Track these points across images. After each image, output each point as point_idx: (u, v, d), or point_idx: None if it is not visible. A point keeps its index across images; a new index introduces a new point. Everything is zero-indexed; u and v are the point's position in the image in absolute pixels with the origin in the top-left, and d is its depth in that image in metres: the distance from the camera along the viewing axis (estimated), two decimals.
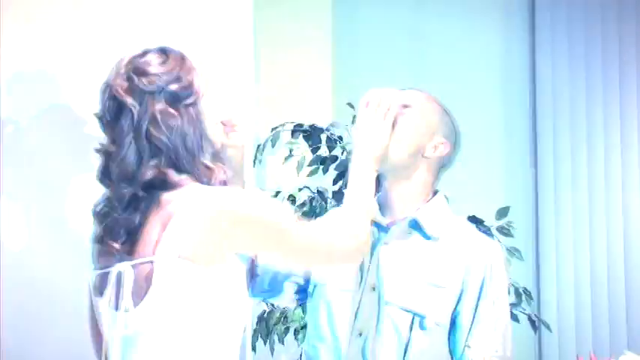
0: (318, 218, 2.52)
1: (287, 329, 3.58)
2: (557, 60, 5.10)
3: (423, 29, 5.04)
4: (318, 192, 3.57)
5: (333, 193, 3.61)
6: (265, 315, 3.60)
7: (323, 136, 3.65)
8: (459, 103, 4.91)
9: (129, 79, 1.90)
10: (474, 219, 3.57)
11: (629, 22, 5.09)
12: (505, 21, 5.16)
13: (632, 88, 5.10)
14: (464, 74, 5.03)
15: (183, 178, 1.89)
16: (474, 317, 2.31)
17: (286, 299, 2.52)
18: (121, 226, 1.90)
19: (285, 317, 3.56)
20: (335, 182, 3.61)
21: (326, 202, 3.55)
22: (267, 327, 3.58)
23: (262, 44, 4.20)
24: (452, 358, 2.33)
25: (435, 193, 2.51)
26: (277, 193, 3.58)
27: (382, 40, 4.99)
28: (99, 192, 3.33)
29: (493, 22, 5.13)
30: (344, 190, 3.45)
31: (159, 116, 1.87)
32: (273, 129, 3.61)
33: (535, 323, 3.71)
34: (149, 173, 1.86)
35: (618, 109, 5.09)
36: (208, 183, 1.89)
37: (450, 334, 2.33)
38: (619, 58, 5.09)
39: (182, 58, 1.97)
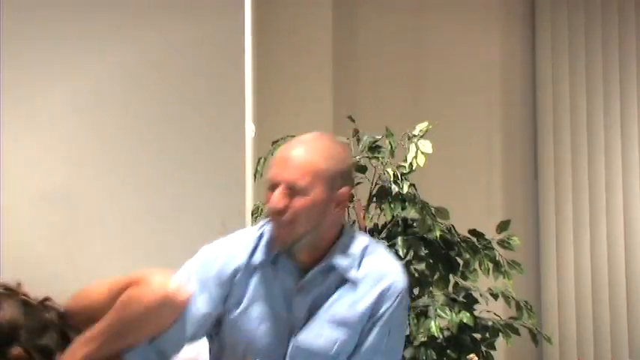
0: None
1: None
2: (558, 71, 5.12)
3: (423, 43, 5.07)
4: None
5: None
6: None
7: None
8: (460, 116, 4.89)
9: None
10: (474, 232, 3.55)
11: (629, 28, 5.12)
12: (505, 32, 5.21)
13: (632, 100, 5.12)
14: (464, 86, 5.06)
15: None
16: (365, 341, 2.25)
17: None
18: None
19: None
20: None
21: None
22: None
23: (262, 60, 4.22)
24: None
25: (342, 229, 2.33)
26: None
27: (382, 54, 5.03)
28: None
29: (494, 31, 5.18)
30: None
31: None
32: (273, 142, 3.54)
33: (536, 337, 3.63)
34: None
35: (619, 120, 5.11)
36: None
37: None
38: (619, 67, 5.13)
39: None
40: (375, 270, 2.25)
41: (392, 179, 3.43)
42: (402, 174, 3.43)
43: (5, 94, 3.50)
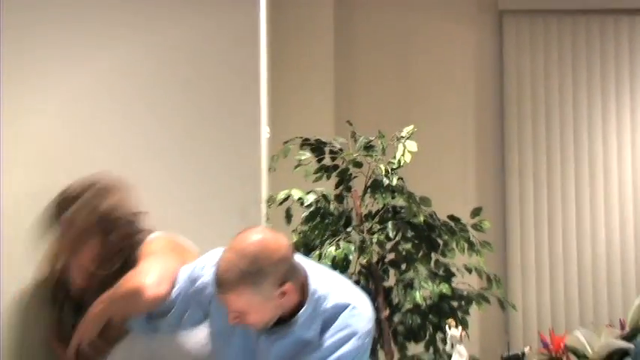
0: None
1: None
2: (522, 85, 5.26)
3: (408, 52, 5.20)
4: (323, 195, 3.63)
5: (335, 195, 3.70)
6: None
7: (326, 149, 3.73)
8: (440, 119, 5.11)
9: None
10: (452, 217, 3.69)
11: (579, 33, 5.23)
12: (477, 41, 5.30)
13: (582, 103, 5.25)
14: (444, 93, 5.20)
15: None
16: None
17: None
18: None
19: None
20: (337, 187, 3.73)
21: (329, 203, 3.61)
22: None
23: (277, 76, 4.24)
24: None
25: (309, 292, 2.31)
26: (288, 196, 3.59)
27: (375, 65, 5.14)
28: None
29: (468, 40, 5.26)
30: (344, 194, 3.60)
31: None
32: (284, 143, 3.70)
33: (503, 303, 3.78)
34: None
35: (572, 123, 5.23)
36: None
37: None
38: (572, 72, 5.24)
39: None
40: (342, 335, 2.26)
41: (383, 173, 3.55)
42: (392, 169, 3.55)
43: (12, 87, 3.12)
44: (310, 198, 3.63)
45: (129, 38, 3.36)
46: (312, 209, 3.60)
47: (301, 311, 2.27)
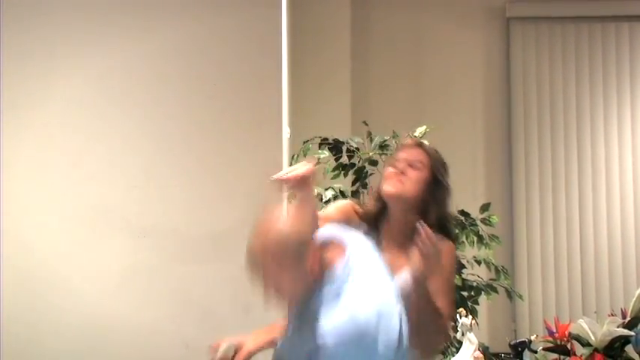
0: None
1: None
2: (528, 86, 5.23)
3: (420, 55, 5.19)
4: (340, 191, 3.64)
5: (352, 192, 3.71)
6: None
7: (344, 148, 3.73)
8: (452, 120, 5.08)
9: None
10: (462, 212, 3.70)
11: (582, 41, 5.22)
12: (486, 46, 5.27)
13: (585, 107, 5.21)
14: (454, 101, 5.18)
15: None
16: None
17: None
18: None
19: None
20: (353, 184, 3.72)
21: (346, 199, 3.53)
22: None
23: (296, 79, 4.27)
24: None
25: None
26: None
27: (389, 68, 5.12)
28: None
29: (477, 44, 5.24)
30: (361, 190, 3.59)
31: None
32: (304, 142, 3.73)
33: (511, 294, 3.79)
34: None
35: (575, 124, 5.20)
36: None
37: None
38: (575, 75, 5.21)
39: None
40: None
41: None
42: None
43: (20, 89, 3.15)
44: (328, 194, 3.62)
45: (150, 39, 3.36)
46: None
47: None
